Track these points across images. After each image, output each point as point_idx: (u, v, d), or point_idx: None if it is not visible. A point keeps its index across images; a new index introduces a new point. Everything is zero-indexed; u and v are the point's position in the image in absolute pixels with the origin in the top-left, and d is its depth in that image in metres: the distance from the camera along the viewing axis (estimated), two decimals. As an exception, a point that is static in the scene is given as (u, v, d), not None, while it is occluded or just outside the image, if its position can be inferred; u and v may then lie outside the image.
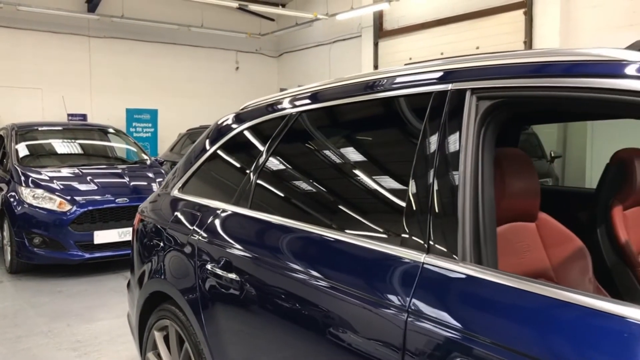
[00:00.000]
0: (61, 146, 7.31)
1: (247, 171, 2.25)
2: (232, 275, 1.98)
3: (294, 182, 2.14)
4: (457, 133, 1.45)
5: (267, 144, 2.20)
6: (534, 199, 1.78)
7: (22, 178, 6.13)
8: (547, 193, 3.37)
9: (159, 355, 2.57)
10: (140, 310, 2.68)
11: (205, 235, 2.25)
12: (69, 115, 14.19)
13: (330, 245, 1.72)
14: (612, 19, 10.73)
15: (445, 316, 1.28)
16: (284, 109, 2.20)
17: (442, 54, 14.48)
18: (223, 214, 2.24)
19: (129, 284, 2.98)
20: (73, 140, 7.43)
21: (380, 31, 15.76)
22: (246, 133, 2.40)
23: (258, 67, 18.16)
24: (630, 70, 1.19)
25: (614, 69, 1.22)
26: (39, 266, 6.05)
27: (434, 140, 1.50)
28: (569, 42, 11.40)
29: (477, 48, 13.35)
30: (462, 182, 1.39)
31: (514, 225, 1.75)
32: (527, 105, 1.62)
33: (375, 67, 15.87)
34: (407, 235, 1.48)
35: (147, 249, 2.74)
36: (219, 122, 2.70)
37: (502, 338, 1.16)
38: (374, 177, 1.80)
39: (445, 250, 1.38)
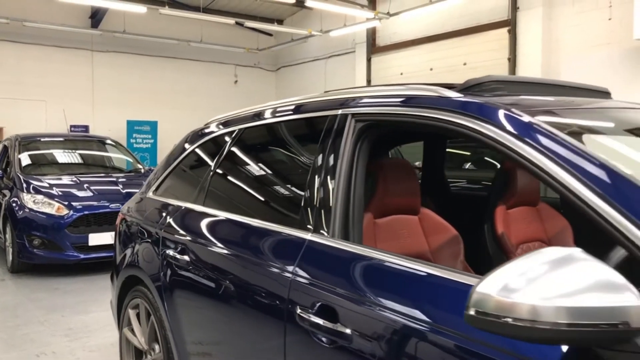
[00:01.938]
0: (61, 156, 7.84)
1: (203, 176, 2.75)
2: (185, 258, 2.47)
3: (234, 183, 2.64)
4: (340, 146, 1.94)
5: (218, 154, 2.70)
6: (414, 197, 2.27)
7: (24, 185, 6.64)
8: (464, 197, 3.85)
9: (132, 330, 3.05)
10: (118, 292, 3.17)
11: (168, 227, 2.74)
12: (71, 126, 14.73)
13: (253, 230, 2.21)
14: (591, 38, 11.22)
15: (316, 273, 1.78)
16: (231, 126, 2.71)
17: (431, 69, 15.01)
18: (183, 211, 2.73)
19: (112, 276, 3.46)
20: (72, 151, 7.96)
21: (373, 47, 16.31)
22: (205, 145, 2.90)
23: (256, 80, 18.69)
24: (441, 102, 1.68)
25: (433, 101, 1.71)
26: (38, 266, 6.53)
27: (324, 151, 1.99)
28: (551, 59, 11.89)
29: (465, 64, 13.85)
30: (336, 184, 1.88)
31: (397, 217, 2.23)
32: (388, 126, 2.09)
33: (369, 81, 16.40)
34: (301, 221, 1.97)
35: (125, 241, 3.23)
36: (185, 137, 3.20)
37: (354, 289, 1.64)
38: (286, 179, 2.30)
39: (322, 231, 1.87)
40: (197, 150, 2.95)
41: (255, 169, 2.62)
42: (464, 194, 3.90)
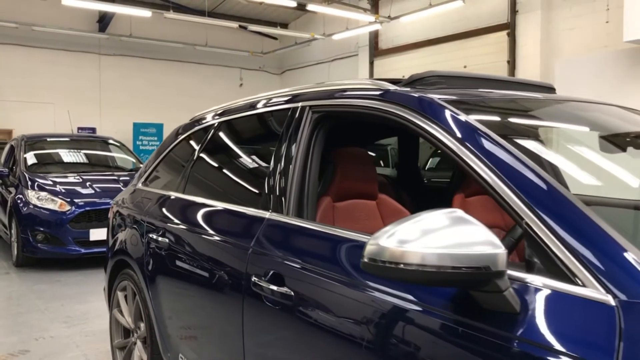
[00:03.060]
0: (65, 155, 8.11)
1: (185, 167, 2.97)
2: (164, 240, 2.68)
3: (210, 172, 2.86)
4: (298, 135, 2.14)
5: (198, 146, 2.92)
6: (371, 183, 2.47)
7: (29, 183, 6.90)
8: (439, 189, 4.03)
9: (121, 311, 3.27)
10: (108, 276, 3.39)
11: (151, 214, 2.96)
12: (78, 128, 15.03)
13: (222, 212, 2.42)
14: (588, 41, 11.36)
15: (269, 246, 1.99)
16: (210, 120, 2.93)
17: (432, 72, 15.21)
18: (165, 198, 2.95)
19: (105, 264, 3.68)
20: (76, 150, 8.22)
21: (376, 50, 16.53)
22: (187, 138, 3.12)
23: (261, 83, 18.91)
24: (382, 95, 1.88)
25: (375, 94, 1.91)
26: (41, 260, 6.78)
27: (285, 140, 2.20)
28: (550, 61, 12.04)
29: (465, 67, 14.03)
30: (293, 168, 2.08)
31: (355, 201, 2.43)
32: (339, 117, 2.26)
33: (371, 84, 16.63)
34: (263, 203, 2.18)
35: (116, 230, 3.45)
36: (173, 131, 3.42)
37: (296, 257, 1.85)
38: (254, 166, 2.51)
39: (279, 210, 2.08)
40: (181, 144, 3.17)
41: (228, 158, 2.84)
42: (438, 187, 4.09)
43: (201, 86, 17.47)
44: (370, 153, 2.76)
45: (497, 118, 1.85)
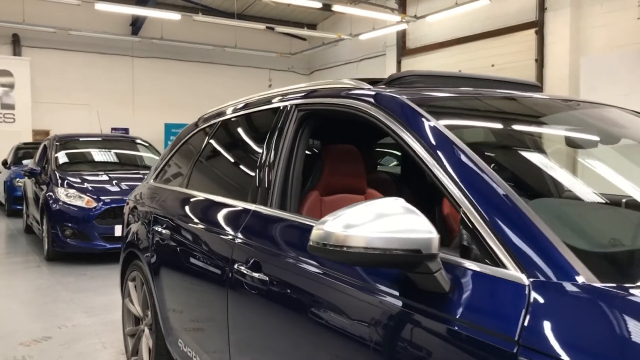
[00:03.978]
0: (93, 154, 8.43)
1: (188, 164, 3.13)
2: (166, 232, 2.84)
3: (210, 169, 3.01)
4: (284, 133, 2.27)
5: (201, 145, 3.07)
6: (359, 178, 2.57)
7: (59, 180, 7.20)
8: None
9: (132, 301, 3.45)
10: (121, 267, 3.58)
11: (157, 208, 3.13)
12: (112, 129, 15.49)
13: (215, 205, 2.56)
14: (618, 38, 11.16)
15: (251, 235, 2.12)
16: (212, 120, 3.08)
17: (459, 71, 15.15)
18: (170, 193, 3.12)
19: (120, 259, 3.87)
20: (104, 150, 8.54)
21: (403, 50, 16.53)
22: (192, 137, 3.28)
23: (290, 84, 19.02)
24: (350, 92, 1.99)
25: (352, 93, 2.02)
26: (70, 254, 7.07)
27: (274, 137, 2.32)
28: (579, 59, 11.85)
29: (493, 65, 13.94)
30: (277, 163, 2.20)
31: (343, 195, 2.54)
32: (322, 114, 2.34)
33: (399, 84, 16.63)
34: (252, 196, 2.31)
35: (128, 224, 3.64)
36: (182, 130, 3.59)
37: (272, 245, 1.98)
38: (246, 162, 2.65)
39: (264, 202, 2.20)
40: (186, 143, 3.34)
41: (224, 156, 2.99)
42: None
43: (231, 87, 17.75)
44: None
45: (456, 115, 1.94)
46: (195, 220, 2.64)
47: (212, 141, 3.01)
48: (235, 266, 2.09)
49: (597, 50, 11.69)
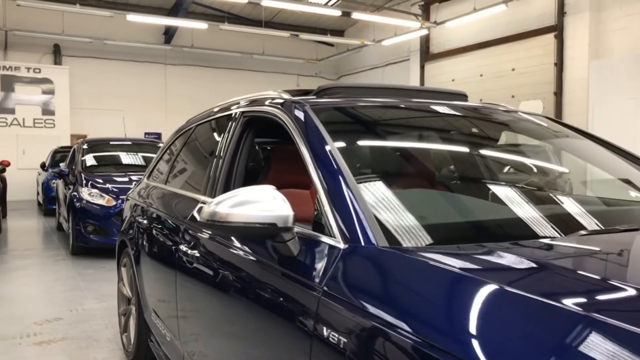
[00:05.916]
0: (118, 157, 9.06)
1: (169, 163, 3.59)
2: (143, 221, 3.30)
3: (183, 166, 3.46)
4: (232, 134, 2.67)
5: (179, 146, 3.52)
6: (303, 175, 2.95)
7: (83, 181, 7.81)
8: None
9: (124, 284, 3.93)
10: (117, 254, 4.07)
11: (142, 201, 3.59)
12: (145, 133, 16.22)
13: (175, 196, 3.00)
14: (638, 41, 11.20)
15: (194, 224, 2.53)
16: (191, 124, 3.53)
17: (481, 75, 15.28)
18: (152, 188, 3.58)
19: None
20: (128, 153, 9.16)
21: (427, 55, 16.75)
22: (175, 140, 3.74)
23: (318, 89, 19.50)
24: (272, 101, 2.38)
25: (274, 101, 2.41)
26: (94, 249, 7.66)
27: (225, 138, 2.74)
28: (599, 63, 11.88)
29: (513, 70, 14.06)
30: (224, 160, 2.61)
31: (290, 190, 2.93)
32: (259, 120, 2.72)
33: (423, 88, 16.87)
34: (204, 189, 2.72)
35: (124, 216, 4.13)
36: (171, 134, 4.06)
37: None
38: (204, 161, 3.07)
39: (211, 193, 2.61)
40: (172, 145, 3.80)
41: (193, 155, 3.42)
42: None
43: (259, 92, 18.21)
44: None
45: (347, 122, 2.31)
46: (161, 210, 3.07)
47: (187, 143, 3.46)
48: (182, 248, 2.51)
49: (617, 53, 11.71)
